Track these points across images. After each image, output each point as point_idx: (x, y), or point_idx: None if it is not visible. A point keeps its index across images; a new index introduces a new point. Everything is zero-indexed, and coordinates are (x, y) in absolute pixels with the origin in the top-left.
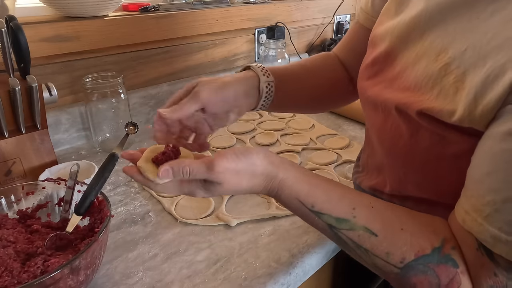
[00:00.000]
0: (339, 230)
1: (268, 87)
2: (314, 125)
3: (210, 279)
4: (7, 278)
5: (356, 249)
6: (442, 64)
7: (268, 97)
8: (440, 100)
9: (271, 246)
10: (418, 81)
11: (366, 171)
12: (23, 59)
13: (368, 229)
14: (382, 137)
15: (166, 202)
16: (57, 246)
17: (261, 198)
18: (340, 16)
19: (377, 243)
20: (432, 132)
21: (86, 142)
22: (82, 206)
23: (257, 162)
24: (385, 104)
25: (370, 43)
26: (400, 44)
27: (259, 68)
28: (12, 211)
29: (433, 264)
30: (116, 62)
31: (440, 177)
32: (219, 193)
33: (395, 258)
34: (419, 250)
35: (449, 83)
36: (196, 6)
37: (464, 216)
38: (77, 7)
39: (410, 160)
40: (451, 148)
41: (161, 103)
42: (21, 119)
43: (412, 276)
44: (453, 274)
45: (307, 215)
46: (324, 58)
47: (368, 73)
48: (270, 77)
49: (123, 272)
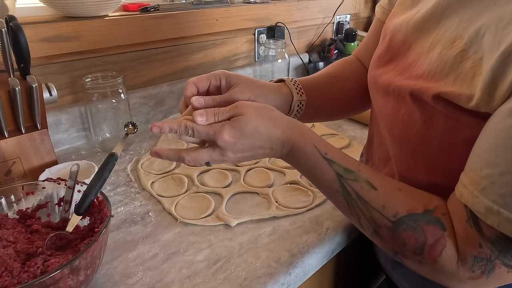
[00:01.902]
0: (345, 180)
1: (299, 106)
2: (314, 125)
3: (210, 279)
4: (7, 278)
5: (357, 200)
6: (458, 50)
7: (297, 114)
8: (457, 85)
9: (271, 246)
10: (432, 68)
11: (371, 163)
12: (23, 59)
13: (369, 183)
14: (393, 126)
15: (166, 202)
16: (57, 246)
17: (261, 198)
18: (340, 16)
19: (375, 196)
20: (447, 117)
21: (86, 142)
22: (82, 206)
23: (276, 112)
24: (399, 91)
25: (383, 34)
26: (415, 34)
27: (294, 85)
28: (12, 211)
29: (422, 222)
30: (116, 62)
31: (451, 162)
32: (241, 129)
33: (389, 211)
34: (411, 208)
35: (466, 69)
36: (196, 6)
37: (461, 189)
38: (77, 7)
39: (423, 147)
40: (464, 133)
41: (161, 103)
42: (21, 119)
43: (402, 231)
44: (439, 235)
45: (318, 163)
46: (345, 63)
47: (380, 62)
48: (303, 96)
49: (123, 272)
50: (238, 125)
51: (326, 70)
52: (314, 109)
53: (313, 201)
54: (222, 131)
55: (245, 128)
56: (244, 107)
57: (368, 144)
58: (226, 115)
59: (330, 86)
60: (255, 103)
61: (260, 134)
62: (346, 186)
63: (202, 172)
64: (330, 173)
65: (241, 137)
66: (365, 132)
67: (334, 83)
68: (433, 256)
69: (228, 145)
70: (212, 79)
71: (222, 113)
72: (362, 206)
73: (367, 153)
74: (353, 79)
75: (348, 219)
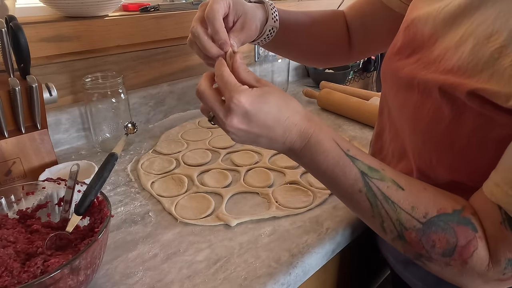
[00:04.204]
0: (371, 179)
1: (270, 31)
2: None
3: (210, 279)
4: (7, 278)
5: (383, 202)
6: (496, 46)
7: (266, 38)
8: (494, 82)
9: (271, 246)
10: (463, 64)
11: (381, 158)
12: (23, 59)
13: (396, 182)
14: (417, 120)
15: (166, 202)
16: (57, 246)
17: (261, 198)
18: None
19: (404, 196)
20: (479, 115)
21: (86, 142)
22: (82, 206)
23: (295, 102)
24: (425, 85)
25: (404, 25)
26: (444, 27)
27: (272, 10)
28: (12, 211)
29: (454, 223)
30: (116, 62)
31: (478, 161)
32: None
33: (419, 212)
34: (441, 208)
35: (503, 66)
36: (196, 6)
37: (493, 188)
38: (77, 7)
39: (449, 144)
40: (496, 131)
41: (161, 103)
42: (21, 119)
43: (432, 232)
44: (471, 236)
45: (340, 160)
46: (332, 15)
47: (401, 55)
48: (276, 23)
49: (123, 272)
50: (261, 91)
51: (310, 11)
52: (282, 41)
53: (313, 201)
54: (241, 91)
55: (267, 97)
56: (269, 84)
57: (377, 138)
58: (253, 78)
59: (306, 27)
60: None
61: (279, 111)
62: (372, 186)
63: (202, 172)
64: (353, 171)
65: (258, 107)
66: (365, 132)
67: (310, 22)
68: (464, 257)
69: (239, 110)
70: (225, 7)
71: (250, 74)
72: (388, 208)
73: (374, 146)
74: (331, 31)
75: (367, 223)
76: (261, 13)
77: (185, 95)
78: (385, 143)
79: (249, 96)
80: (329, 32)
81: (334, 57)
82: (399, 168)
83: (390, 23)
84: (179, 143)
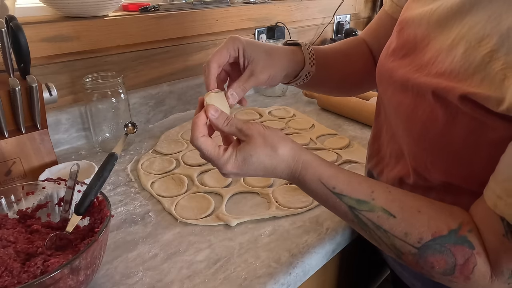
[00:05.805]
0: (359, 212)
1: (306, 76)
2: (314, 125)
3: (210, 279)
4: (7, 278)
5: (375, 230)
6: (487, 50)
7: (301, 82)
8: (485, 86)
9: (271, 246)
10: (455, 68)
11: (378, 159)
12: (23, 59)
13: (387, 211)
14: (411, 123)
15: (166, 202)
16: (57, 246)
17: (261, 198)
18: (340, 16)
19: (395, 224)
20: (471, 119)
21: (86, 142)
22: (82, 206)
23: (283, 139)
24: (418, 88)
25: (399, 27)
26: (437, 29)
27: (309, 54)
28: (12, 211)
29: (450, 244)
30: (116, 62)
31: (473, 164)
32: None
33: (412, 238)
34: (436, 231)
35: (494, 70)
36: (196, 6)
37: (496, 200)
38: (77, 7)
39: (442, 147)
40: (489, 135)
41: (161, 103)
42: (21, 119)
43: (429, 255)
44: (468, 254)
45: (328, 197)
46: (356, 43)
47: (395, 56)
48: (313, 67)
49: (123, 272)
50: (243, 154)
51: (335, 45)
52: (317, 81)
53: (313, 201)
54: (224, 163)
55: (250, 159)
56: (254, 129)
57: (374, 139)
58: (234, 129)
59: (337, 62)
60: (262, 127)
61: (264, 166)
62: (362, 217)
63: (202, 172)
64: (342, 206)
65: (245, 168)
66: (365, 132)
67: (342, 60)
68: (465, 274)
69: (230, 174)
70: (231, 52)
71: (232, 124)
72: (381, 235)
73: (372, 148)
74: (360, 60)
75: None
76: (296, 57)
77: (185, 95)
78: (382, 145)
79: (234, 164)
80: (358, 58)
81: (366, 85)
82: (397, 169)
83: None
84: (179, 143)
